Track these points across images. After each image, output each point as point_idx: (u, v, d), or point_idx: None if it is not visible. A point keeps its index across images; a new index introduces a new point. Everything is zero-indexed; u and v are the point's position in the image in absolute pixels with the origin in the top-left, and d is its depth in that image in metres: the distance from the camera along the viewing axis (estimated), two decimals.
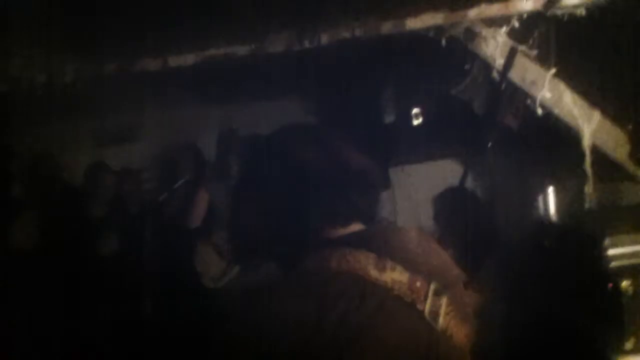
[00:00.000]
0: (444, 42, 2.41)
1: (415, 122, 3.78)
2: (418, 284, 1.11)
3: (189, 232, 3.12)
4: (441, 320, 1.12)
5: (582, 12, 2.32)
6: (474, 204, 2.86)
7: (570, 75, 2.43)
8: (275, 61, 2.49)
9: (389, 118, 3.85)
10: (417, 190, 3.78)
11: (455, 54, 2.55)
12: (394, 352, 1.06)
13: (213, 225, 3.16)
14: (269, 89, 3.39)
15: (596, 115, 2.40)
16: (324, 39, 2.32)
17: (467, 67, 2.77)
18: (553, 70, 2.40)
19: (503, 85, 2.42)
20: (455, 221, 2.76)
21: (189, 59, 2.34)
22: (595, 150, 2.41)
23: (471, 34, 2.38)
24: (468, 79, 2.90)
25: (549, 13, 2.33)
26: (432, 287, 1.12)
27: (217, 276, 3.00)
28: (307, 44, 2.30)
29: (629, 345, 1.91)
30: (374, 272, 1.10)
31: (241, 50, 2.35)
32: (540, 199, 2.45)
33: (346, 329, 1.03)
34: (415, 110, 3.78)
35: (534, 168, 2.89)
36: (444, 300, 1.13)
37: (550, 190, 2.40)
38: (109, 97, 2.66)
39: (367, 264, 1.10)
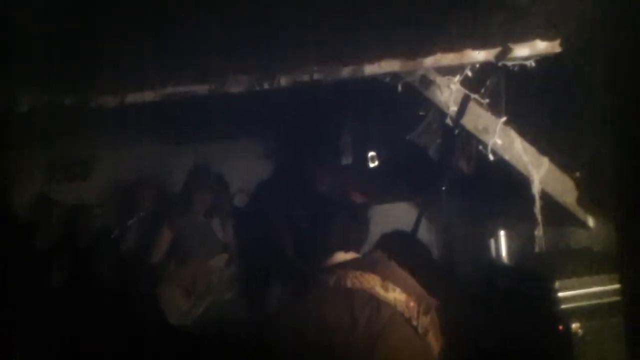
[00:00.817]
0: (400, 88, 2.47)
1: (371, 165, 3.84)
2: (412, 303, 1.35)
3: (150, 268, 3.08)
4: (429, 335, 1.37)
5: (531, 64, 2.43)
6: (419, 246, 2.90)
7: (520, 123, 2.53)
8: (234, 101, 2.50)
9: (346, 160, 3.89)
10: (374, 230, 3.79)
11: (411, 100, 2.62)
12: (403, 356, 1.31)
13: (178, 262, 3.11)
14: (229, 128, 3.38)
15: (545, 162, 2.49)
16: (283, 81, 2.35)
17: (422, 113, 2.85)
18: (504, 118, 2.49)
19: (456, 132, 2.49)
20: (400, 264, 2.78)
21: (147, 97, 2.32)
22: (544, 195, 2.49)
23: (426, 81, 2.45)
24: (423, 125, 2.98)
25: (500, 64, 2.43)
26: (422, 306, 1.37)
27: (184, 313, 2.93)
28: (266, 86, 2.32)
29: None
30: (380, 291, 1.34)
31: (200, 89, 2.35)
32: (492, 242, 2.50)
33: (371, 334, 1.28)
34: (371, 154, 3.85)
35: (486, 212, 2.96)
36: (428, 319, 1.37)
37: (502, 234, 2.46)
38: (64, 130, 2.62)
39: (375, 284, 1.35)
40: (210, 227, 3.16)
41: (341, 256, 1.46)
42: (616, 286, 1.32)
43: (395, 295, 1.36)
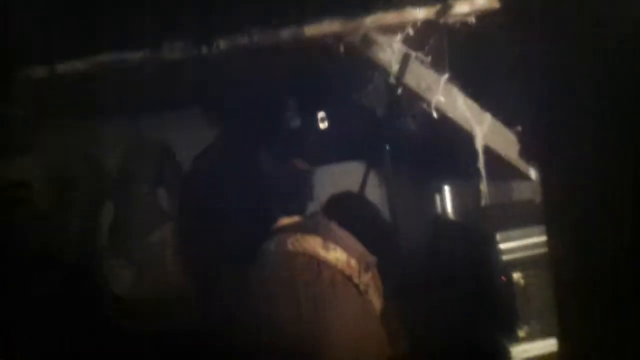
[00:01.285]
0: (342, 49, 2.44)
1: (322, 125, 3.83)
2: (352, 262, 1.40)
3: (95, 244, 3.04)
4: (370, 292, 1.42)
5: (472, 20, 2.44)
6: (366, 206, 2.94)
7: (462, 80, 2.55)
8: (172, 68, 2.44)
9: (294, 123, 3.87)
10: (324, 194, 3.82)
11: (353, 60, 2.60)
12: (345, 314, 1.32)
13: (122, 236, 3.07)
14: (169, 98, 3.30)
15: (487, 118, 2.53)
16: (222, 45, 2.29)
17: (368, 73, 2.84)
18: (446, 76, 2.50)
19: (399, 91, 2.49)
20: (349, 224, 2.82)
21: (77, 66, 2.23)
22: (487, 150, 2.53)
23: (368, 41, 2.43)
24: (370, 85, 2.98)
25: (441, 21, 2.43)
26: (363, 264, 1.41)
27: (129, 285, 2.91)
28: (204, 51, 2.26)
29: (522, 333, 2.01)
30: (322, 252, 1.38)
31: (134, 56, 2.27)
32: (437, 198, 2.55)
33: (313, 296, 1.29)
34: (320, 115, 3.83)
35: (432, 169, 3.00)
36: (369, 276, 1.42)
37: (447, 189, 2.50)
38: None
39: (316, 245, 1.39)
40: (155, 197, 3.11)
41: (285, 221, 1.52)
42: None
43: (337, 255, 1.39)
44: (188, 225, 1.66)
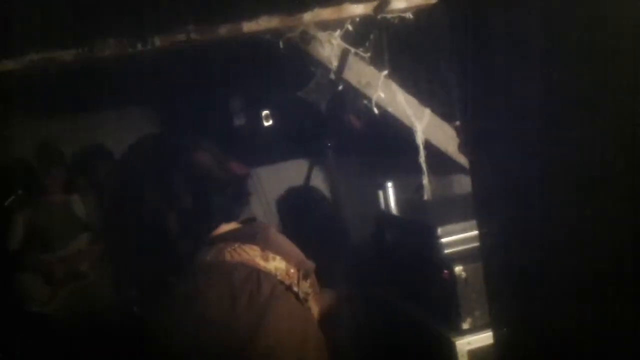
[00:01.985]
0: (281, 45, 2.42)
1: (266, 123, 3.80)
2: (292, 270, 1.33)
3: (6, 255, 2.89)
4: (309, 300, 1.35)
5: (410, 16, 2.46)
6: (318, 202, 2.94)
7: (401, 76, 2.57)
8: (107, 66, 2.36)
9: (239, 121, 3.83)
10: (270, 191, 3.79)
11: (295, 57, 2.59)
12: (287, 327, 1.27)
13: (38, 248, 2.94)
14: (106, 97, 3.20)
15: (427, 113, 2.56)
16: (158, 42, 2.23)
17: (312, 69, 2.83)
18: (385, 72, 2.51)
19: (340, 87, 2.49)
20: (299, 220, 2.82)
21: (7, 65, 2.14)
22: (428, 145, 2.56)
23: (307, 37, 2.42)
24: (312, 82, 2.97)
25: (379, 17, 2.44)
26: (301, 272, 1.35)
27: (44, 299, 2.79)
28: (139, 48, 2.20)
29: (465, 325, 2.03)
30: (261, 262, 1.29)
31: (66, 55, 2.19)
32: (380, 194, 2.56)
33: (254, 310, 1.22)
34: (265, 112, 3.81)
35: (375, 165, 3.02)
36: (308, 284, 1.37)
37: (390, 185, 2.51)
38: None
39: (255, 255, 1.29)
40: (70, 205, 2.98)
41: (222, 229, 1.38)
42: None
43: (276, 264, 1.32)
44: (115, 234, 1.51)
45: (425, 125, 2.52)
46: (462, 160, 2.61)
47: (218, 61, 3.10)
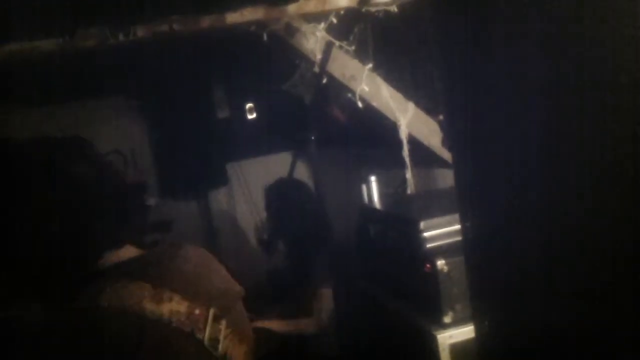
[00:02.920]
0: (265, 37, 2.40)
1: (250, 116, 3.78)
2: (197, 311, 1.07)
3: None
4: (220, 346, 1.10)
5: (394, 9, 2.45)
6: (305, 194, 2.94)
7: (386, 69, 2.56)
8: (90, 57, 2.33)
9: (223, 114, 3.81)
10: (255, 184, 3.78)
11: (279, 49, 2.57)
12: None
13: None
14: (87, 88, 3.16)
15: (411, 107, 2.56)
16: (140, 32, 2.20)
17: (297, 62, 2.81)
18: (370, 65, 2.50)
19: (324, 80, 2.48)
20: (286, 211, 2.81)
21: None
22: (411, 139, 2.56)
23: (291, 29, 2.40)
24: (297, 74, 2.95)
25: (364, 10, 2.43)
26: (211, 312, 1.09)
27: None
28: (121, 38, 2.17)
29: (447, 319, 2.04)
30: (150, 305, 1.03)
31: (47, 45, 2.15)
32: (364, 187, 2.56)
33: None
34: (248, 105, 3.79)
35: (359, 159, 3.02)
36: (222, 325, 1.11)
37: (373, 179, 2.51)
38: None
39: (143, 297, 1.03)
40: None
41: (110, 258, 1.11)
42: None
43: (172, 307, 1.05)
44: None
45: (409, 119, 2.52)
46: (446, 154, 2.62)
47: (201, 53, 3.08)
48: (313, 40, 2.45)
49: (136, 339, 0.99)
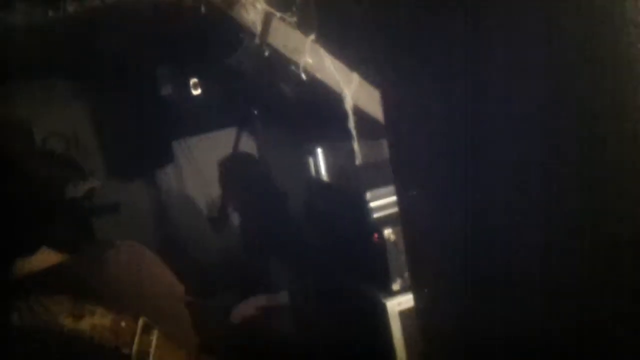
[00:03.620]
0: (203, 9, 2.33)
1: (195, 92, 3.70)
2: (123, 324, 1.01)
3: None
4: (151, 358, 1.03)
5: None
6: (256, 165, 2.92)
7: (329, 40, 2.53)
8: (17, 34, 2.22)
9: (166, 90, 3.71)
10: (203, 161, 3.73)
11: (219, 22, 2.50)
12: None
13: None
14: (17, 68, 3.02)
15: (355, 78, 2.54)
16: (71, 7, 2.11)
17: (240, 35, 2.75)
18: (312, 37, 2.47)
19: (266, 53, 2.43)
20: (238, 183, 2.79)
21: None
22: (357, 110, 2.55)
23: (230, 0, 2.34)
24: (241, 49, 2.89)
25: None
26: (141, 322, 1.03)
27: None
28: (50, 14, 2.07)
29: (395, 286, 2.07)
30: (68, 322, 0.95)
31: None
32: (310, 160, 2.55)
33: None
34: (193, 81, 3.70)
35: (305, 132, 3.00)
36: (154, 335, 1.04)
37: (320, 151, 2.50)
38: None
39: (60, 313, 0.95)
40: None
41: (35, 262, 1.01)
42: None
43: (94, 321, 0.97)
44: None
45: (354, 90, 2.50)
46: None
47: (140, 28, 2.97)
48: (253, 12, 2.39)
49: (57, 356, 0.92)
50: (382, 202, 2.12)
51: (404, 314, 2.04)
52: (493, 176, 0.88)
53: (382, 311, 2.06)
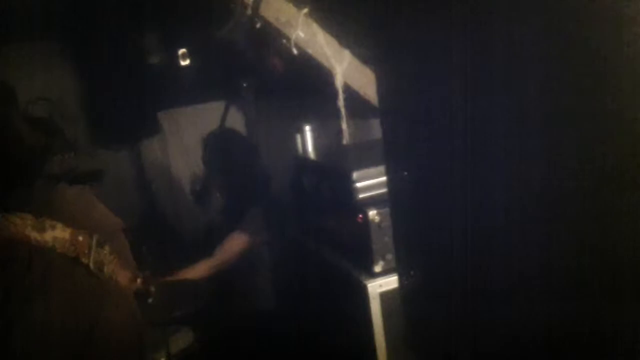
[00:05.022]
0: None
1: (183, 63, 3.63)
2: (80, 238, 1.13)
3: None
4: (106, 269, 1.16)
5: None
6: (241, 143, 2.88)
7: (322, 15, 2.48)
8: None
9: (154, 59, 3.64)
10: (189, 134, 3.68)
11: None
12: (66, 308, 1.06)
13: None
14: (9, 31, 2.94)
15: (347, 55, 2.50)
16: None
17: (232, 6, 2.69)
18: (305, 10, 2.42)
19: (258, 25, 2.38)
20: (222, 161, 2.76)
21: None
22: (347, 88, 2.51)
23: None
24: (232, 20, 2.83)
25: None
26: (95, 238, 1.15)
27: None
28: None
29: (377, 268, 2.06)
30: (33, 234, 1.06)
31: None
32: (298, 138, 2.52)
33: (15, 299, 0.99)
34: (181, 51, 3.63)
35: (293, 108, 2.96)
36: (106, 250, 1.17)
37: (307, 128, 2.47)
38: None
39: (25, 226, 1.06)
40: None
41: None
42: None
43: (55, 234, 1.10)
44: None
45: (345, 68, 2.46)
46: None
47: None
48: None
49: (23, 266, 1.03)
50: (368, 182, 2.10)
51: (385, 296, 2.03)
52: (491, 169, 0.86)
53: (363, 292, 2.05)
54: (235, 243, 2.67)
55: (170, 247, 3.07)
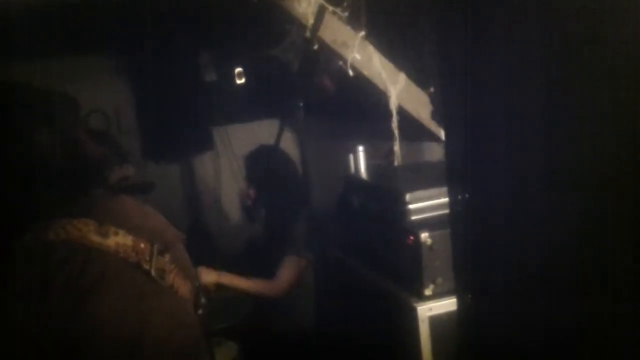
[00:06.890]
0: None
1: (238, 81, 3.72)
2: (142, 245, 1.15)
3: None
4: (167, 277, 1.18)
5: None
6: (286, 162, 2.92)
7: (378, 38, 2.51)
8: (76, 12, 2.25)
9: (210, 77, 3.74)
10: (241, 150, 3.75)
11: (269, 12, 2.51)
12: (118, 309, 1.08)
13: None
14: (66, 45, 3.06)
15: (402, 78, 2.52)
16: None
17: (287, 26, 2.75)
18: (362, 33, 2.45)
19: (315, 46, 2.42)
20: (266, 179, 2.80)
21: None
22: (401, 110, 2.53)
23: None
24: (287, 40, 2.89)
25: None
26: (156, 247, 1.17)
27: None
28: None
29: (428, 291, 2.04)
30: (96, 238, 1.09)
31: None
32: (351, 158, 2.54)
33: (71, 296, 1.04)
34: (237, 70, 3.72)
35: (347, 128, 2.99)
36: (167, 258, 1.19)
37: (361, 149, 2.49)
38: None
39: (88, 232, 1.09)
40: None
41: (55, 203, 1.18)
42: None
43: (118, 240, 1.13)
44: None
45: (400, 90, 2.48)
46: (434, 127, 2.59)
47: (190, 13, 3.00)
48: (305, 3, 2.38)
49: (78, 266, 1.06)
50: (421, 204, 2.10)
51: (434, 320, 2.01)
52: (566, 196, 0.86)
53: (412, 315, 2.04)
54: (293, 266, 2.68)
55: (218, 261, 3.12)
